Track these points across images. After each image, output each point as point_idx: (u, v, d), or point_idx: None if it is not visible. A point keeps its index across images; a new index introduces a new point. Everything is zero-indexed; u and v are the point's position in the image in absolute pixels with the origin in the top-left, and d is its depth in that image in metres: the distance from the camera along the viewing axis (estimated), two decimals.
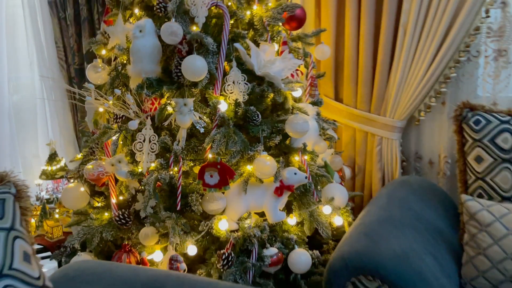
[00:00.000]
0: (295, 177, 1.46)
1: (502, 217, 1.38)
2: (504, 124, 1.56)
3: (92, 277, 1.11)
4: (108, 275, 1.12)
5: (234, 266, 1.35)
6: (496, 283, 1.36)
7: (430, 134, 2.04)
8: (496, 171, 1.55)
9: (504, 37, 1.84)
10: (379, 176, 2.01)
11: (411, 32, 1.84)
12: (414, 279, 1.22)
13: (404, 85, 1.90)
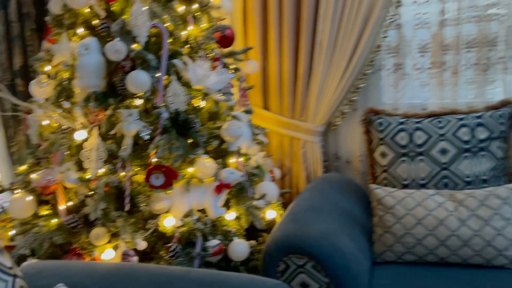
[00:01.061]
0: (232, 176, 1.66)
1: (402, 200, 1.69)
2: (401, 125, 1.90)
3: (51, 272, 1.22)
4: (65, 269, 1.23)
5: (181, 257, 1.51)
6: (400, 255, 1.65)
7: (345, 136, 2.34)
8: (396, 163, 1.87)
9: (400, 53, 2.19)
10: (305, 175, 2.28)
11: (326, 49, 2.13)
12: (334, 254, 1.47)
13: (322, 94, 2.19)
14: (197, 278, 1.18)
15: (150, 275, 1.20)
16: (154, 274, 1.21)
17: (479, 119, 1.84)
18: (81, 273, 1.19)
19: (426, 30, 2.14)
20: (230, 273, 1.22)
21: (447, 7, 2.07)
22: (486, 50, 2.05)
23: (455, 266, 1.60)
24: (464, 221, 1.58)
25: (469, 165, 1.80)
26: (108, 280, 1.17)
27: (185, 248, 1.56)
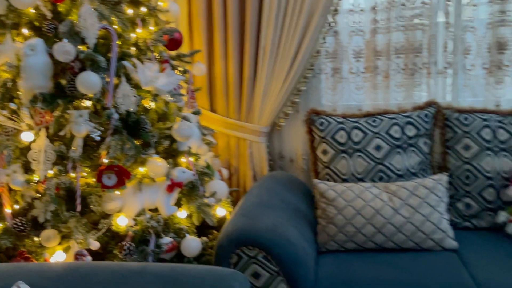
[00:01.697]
0: (184, 175, 1.71)
1: (342, 193, 1.83)
2: (340, 125, 2.05)
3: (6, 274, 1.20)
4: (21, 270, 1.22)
5: (135, 255, 1.53)
6: (342, 243, 1.79)
7: (289, 137, 2.47)
8: (336, 160, 2.02)
9: (337, 58, 2.36)
10: (251, 174, 2.37)
11: (269, 53, 2.24)
12: (284, 244, 1.57)
13: (266, 97, 2.30)
14: (155, 271, 1.22)
15: (107, 271, 1.22)
16: (112, 270, 1.24)
17: (408, 118, 2.04)
18: (38, 274, 1.19)
19: (360, 37, 2.32)
20: (188, 265, 1.27)
21: (378, 16, 2.27)
22: (413, 56, 2.27)
23: (391, 251, 1.76)
24: (397, 210, 1.75)
25: (400, 159, 1.99)
26: (66, 278, 1.18)
27: (139, 246, 1.58)
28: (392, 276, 1.58)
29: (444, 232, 1.75)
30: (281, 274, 1.54)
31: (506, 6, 2.16)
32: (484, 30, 2.21)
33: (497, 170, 1.91)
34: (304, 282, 1.55)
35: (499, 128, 1.96)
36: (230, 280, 1.19)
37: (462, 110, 2.03)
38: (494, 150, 1.93)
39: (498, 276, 1.55)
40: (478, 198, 1.94)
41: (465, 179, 1.96)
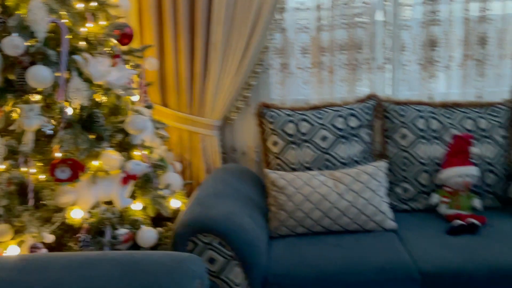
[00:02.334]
0: (138, 167, 1.74)
1: (292, 181, 1.94)
2: (289, 117, 2.16)
3: None
4: None
5: (91, 246, 1.55)
6: (292, 228, 1.90)
7: (241, 130, 2.55)
8: (286, 150, 2.13)
9: (285, 54, 2.47)
10: (204, 167, 2.43)
11: (219, 49, 2.30)
12: (237, 231, 1.65)
13: (218, 91, 2.36)
14: (113, 257, 1.26)
15: (65, 260, 1.25)
16: (69, 259, 1.26)
17: (351, 110, 2.18)
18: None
19: (306, 34, 2.44)
20: (146, 251, 1.32)
21: (323, 14, 2.40)
22: (355, 53, 2.42)
23: (337, 233, 1.89)
24: (342, 195, 1.89)
25: (344, 148, 2.13)
26: (23, 269, 1.19)
27: (95, 238, 1.60)
28: (337, 255, 1.71)
29: (384, 214, 1.90)
30: (236, 258, 1.62)
31: (437, 6, 2.36)
32: (418, 29, 2.40)
33: (430, 157, 2.10)
34: (257, 265, 1.65)
35: (432, 119, 2.15)
36: (187, 262, 1.25)
37: (399, 102, 2.20)
38: (427, 139, 2.12)
39: (430, 250, 1.72)
40: (414, 183, 2.12)
41: (402, 166, 2.14)
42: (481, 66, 2.39)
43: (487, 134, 2.12)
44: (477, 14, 2.34)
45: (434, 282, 1.62)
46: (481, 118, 2.15)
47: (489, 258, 1.64)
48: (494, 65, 2.40)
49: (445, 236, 1.83)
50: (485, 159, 2.09)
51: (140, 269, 1.21)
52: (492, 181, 2.10)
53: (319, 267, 1.64)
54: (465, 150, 2.01)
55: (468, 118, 2.14)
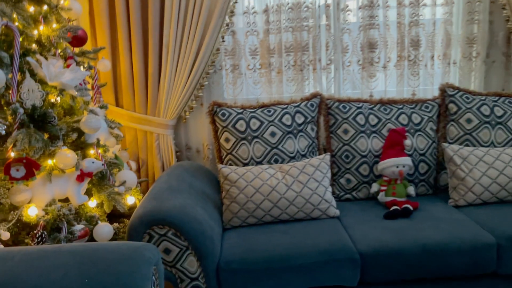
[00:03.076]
0: (93, 165, 1.80)
1: (243, 175, 2.06)
2: (240, 115, 2.28)
3: None
4: None
5: (48, 242, 1.60)
6: (244, 219, 2.02)
7: (194, 128, 2.65)
8: (238, 146, 2.25)
9: (236, 56, 2.59)
10: (159, 165, 2.51)
11: (172, 51, 2.39)
12: (191, 222, 1.75)
13: (171, 91, 2.45)
14: (71, 249, 1.33)
15: (23, 253, 1.30)
16: (26, 252, 1.31)
17: (297, 108, 2.33)
18: None
19: (255, 36, 2.58)
20: (102, 242, 1.39)
21: (270, 18, 2.54)
22: (301, 54, 2.58)
23: (285, 221, 2.04)
24: (290, 186, 2.03)
25: (292, 143, 2.27)
26: None
27: (51, 234, 1.65)
28: (285, 241, 1.84)
29: (328, 202, 2.06)
30: (190, 248, 1.72)
31: (374, 12, 2.56)
32: (357, 32, 2.60)
33: (370, 149, 2.29)
34: (210, 254, 1.75)
35: (371, 114, 2.34)
36: (142, 250, 1.34)
37: (341, 100, 2.38)
38: (367, 133, 2.31)
39: (369, 233, 1.89)
40: (356, 174, 2.30)
41: (345, 158, 2.31)
42: (415, 66, 2.62)
43: (420, 127, 2.33)
44: (410, 19, 2.56)
45: (371, 261, 1.79)
46: (414, 113, 2.36)
47: (419, 237, 1.83)
48: (426, 65, 2.63)
49: (382, 221, 2.01)
50: (418, 151, 2.30)
51: (97, 257, 1.29)
52: (424, 170, 2.31)
53: (267, 252, 1.77)
54: (400, 143, 2.21)
55: (403, 113, 2.35)
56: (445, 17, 2.61)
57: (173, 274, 1.74)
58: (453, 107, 2.35)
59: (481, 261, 1.81)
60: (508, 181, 2.07)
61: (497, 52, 2.66)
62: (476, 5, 2.59)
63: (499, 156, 2.13)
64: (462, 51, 2.65)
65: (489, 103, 2.33)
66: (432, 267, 1.80)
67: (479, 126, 2.29)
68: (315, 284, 1.78)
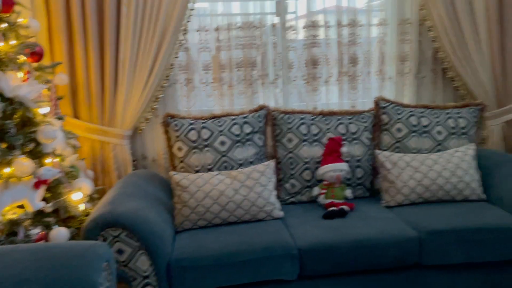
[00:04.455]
0: (50, 173, 1.92)
1: (194, 181, 2.21)
2: (191, 125, 2.45)
3: None
4: None
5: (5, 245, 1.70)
6: (195, 222, 2.17)
7: (150, 139, 2.79)
8: (190, 155, 2.41)
9: (189, 70, 2.77)
10: (116, 174, 2.62)
11: (128, 66, 2.53)
12: (143, 223, 1.88)
13: (127, 104, 2.58)
14: (27, 248, 1.45)
15: None
16: None
17: (245, 119, 2.53)
18: None
19: (207, 53, 2.77)
20: (58, 242, 1.52)
21: (222, 36, 2.74)
22: (250, 70, 2.79)
23: (233, 223, 2.20)
24: (237, 190, 2.20)
25: (240, 151, 2.46)
26: None
27: (8, 238, 1.74)
28: (232, 240, 2.01)
29: (273, 205, 2.25)
30: (142, 248, 1.86)
31: (316, 31, 2.81)
32: (302, 50, 2.84)
33: (312, 156, 2.51)
34: (161, 253, 1.89)
35: (312, 125, 2.57)
36: (95, 247, 1.48)
37: (285, 112, 2.59)
38: (309, 141, 2.53)
39: (307, 231, 2.09)
40: (299, 179, 2.51)
41: (290, 165, 2.52)
42: (353, 81, 2.88)
43: (356, 136, 2.58)
44: (348, 38, 2.83)
45: (309, 256, 1.98)
46: (351, 123, 2.60)
47: (352, 234, 2.05)
48: (363, 80, 2.90)
49: (321, 220, 2.22)
50: (355, 157, 2.54)
51: (52, 254, 1.41)
52: (360, 174, 2.55)
53: (215, 250, 1.93)
54: (337, 150, 2.44)
55: (341, 123, 2.59)
56: (380, 37, 2.90)
57: (126, 273, 1.87)
58: (385, 118, 2.62)
59: (405, 254, 2.04)
60: (431, 183, 2.33)
61: (426, 69, 2.97)
62: (407, 26, 2.90)
63: (424, 161, 2.40)
64: (396, 68, 2.94)
65: (417, 114, 2.61)
66: (363, 261, 2.02)
67: (408, 135, 2.56)
68: (259, 278, 1.96)
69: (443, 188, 2.33)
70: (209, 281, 1.91)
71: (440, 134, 2.57)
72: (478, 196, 2.37)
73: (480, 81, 2.81)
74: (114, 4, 2.47)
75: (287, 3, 2.81)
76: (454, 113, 2.64)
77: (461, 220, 2.10)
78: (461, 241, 2.04)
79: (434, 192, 2.34)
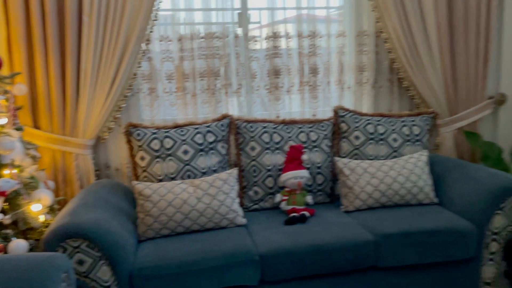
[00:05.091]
0: (8, 184, 1.89)
1: (157, 190, 2.23)
2: (154, 135, 2.47)
3: None
4: None
5: None
6: (158, 231, 2.18)
7: (114, 148, 2.78)
8: (152, 164, 2.42)
9: (152, 80, 2.79)
10: (78, 184, 2.60)
11: (90, 75, 2.53)
12: (104, 234, 1.89)
13: (89, 113, 2.57)
14: None
15: None
16: None
17: (208, 128, 2.57)
18: None
19: (170, 62, 2.80)
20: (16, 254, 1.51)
21: (184, 46, 2.78)
22: (213, 79, 2.83)
23: (196, 231, 2.23)
24: (200, 199, 2.24)
25: (204, 160, 2.49)
26: None
27: None
28: (195, 248, 2.04)
29: (236, 212, 2.29)
30: (103, 258, 1.86)
31: (278, 42, 2.89)
32: (264, 60, 2.91)
33: (274, 164, 2.57)
34: (123, 262, 1.90)
35: (274, 133, 2.64)
36: (53, 258, 1.48)
37: (248, 121, 2.65)
38: (271, 149, 2.59)
39: (269, 237, 2.15)
40: (262, 186, 2.57)
41: (253, 172, 2.58)
42: (314, 91, 2.98)
43: (317, 144, 2.66)
44: (308, 49, 2.93)
45: (270, 261, 2.03)
46: (312, 131, 2.69)
47: (311, 239, 2.12)
48: (324, 90, 3.00)
49: (283, 226, 2.28)
50: (315, 164, 2.62)
51: (10, 265, 1.41)
52: (321, 181, 2.64)
53: (178, 258, 1.96)
54: (298, 158, 2.51)
55: (302, 132, 2.67)
56: (339, 48, 3.01)
57: (87, 284, 1.86)
58: (344, 126, 2.72)
59: (362, 257, 2.13)
60: (387, 189, 2.44)
61: (383, 79, 3.10)
62: (364, 38, 3.02)
63: (380, 168, 2.51)
64: (354, 78, 3.06)
65: (373, 122, 2.73)
66: (322, 264, 2.09)
67: (365, 142, 2.67)
68: (222, 285, 1.99)
69: (398, 193, 2.44)
70: None
71: (395, 141, 2.69)
72: (431, 200, 2.49)
73: (433, 91, 2.97)
74: (75, 13, 2.47)
75: (250, 14, 2.88)
76: (408, 121, 2.77)
77: (413, 223, 2.21)
78: (413, 243, 2.15)
79: (390, 197, 2.45)
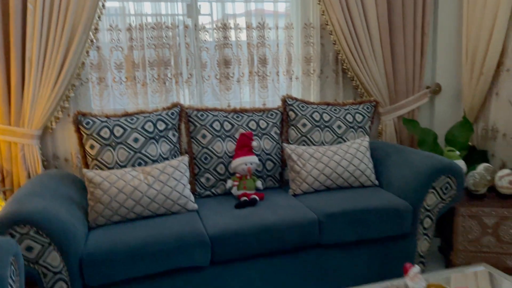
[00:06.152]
0: None
1: (107, 177, 2.25)
2: (104, 123, 2.47)
3: None
4: None
5: None
6: (109, 218, 2.20)
7: (62, 138, 2.75)
8: (102, 152, 2.43)
9: (101, 69, 2.77)
10: (25, 174, 2.56)
11: (36, 64, 2.48)
12: (52, 220, 1.88)
13: (36, 103, 2.53)
14: None
15: None
16: None
17: (159, 116, 2.60)
18: None
19: (120, 52, 2.79)
20: None
21: (134, 36, 2.78)
22: (163, 69, 2.86)
23: (148, 217, 2.27)
24: (151, 185, 2.27)
25: (154, 148, 2.53)
26: None
27: None
28: (146, 232, 2.08)
29: (187, 198, 2.35)
30: (52, 244, 1.86)
31: (227, 32, 2.96)
32: (214, 50, 2.97)
33: (225, 151, 2.65)
34: (73, 249, 1.91)
35: (225, 121, 2.71)
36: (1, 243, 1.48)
37: (199, 109, 2.71)
38: (222, 137, 2.66)
39: (220, 220, 2.22)
40: (214, 173, 2.64)
41: (204, 160, 2.64)
42: (264, 81, 3.07)
43: (266, 131, 2.76)
44: (257, 40, 3.01)
45: (219, 243, 2.11)
46: (261, 120, 2.78)
47: (259, 220, 2.22)
48: (273, 80, 3.11)
49: (233, 210, 2.36)
50: (265, 151, 2.72)
51: None
52: (271, 167, 2.74)
53: (128, 243, 1.99)
54: (248, 144, 2.60)
55: (252, 120, 2.76)
56: (286, 40, 3.12)
57: (36, 270, 1.86)
58: (292, 114, 2.84)
59: (306, 235, 2.25)
60: (331, 172, 2.58)
61: (329, 70, 3.25)
62: (310, 30, 3.15)
63: (325, 153, 2.64)
64: (302, 68, 3.18)
65: (319, 110, 2.86)
66: (269, 244, 2.19)
67: (312, 129, 2.80)
68: (173, 266, 2.05)
69: (341, 176, 2.59)
70: (123, 273, 1.97)
71: (339, 128, 2.84)
72: (372, 182, 2.66)
73: (375, 81, 3.15)
74: (19, 1, 2.42)
75: (200, 5, 2.92)
76: (352, 109, 2.93)
77: (354, 203, 2.36)
78: (353, 221, 2.30)
79: (334, 180, 2.59)
